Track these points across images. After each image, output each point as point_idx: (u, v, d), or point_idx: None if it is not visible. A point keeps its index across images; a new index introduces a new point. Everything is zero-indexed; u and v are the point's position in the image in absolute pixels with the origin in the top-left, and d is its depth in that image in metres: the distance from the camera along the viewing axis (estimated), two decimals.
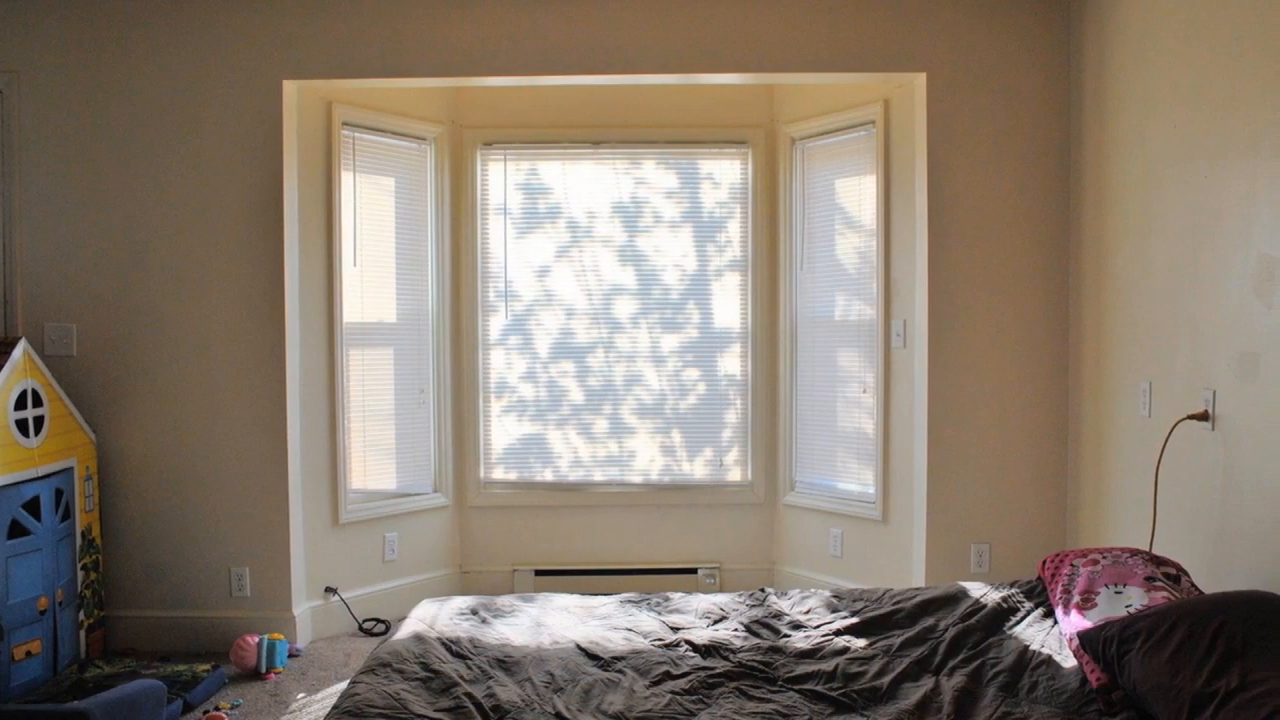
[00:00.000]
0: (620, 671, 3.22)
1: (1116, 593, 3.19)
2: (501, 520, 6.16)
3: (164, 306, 5.12)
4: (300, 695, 4.61)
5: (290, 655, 5.08)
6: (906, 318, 5.31)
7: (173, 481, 5.16)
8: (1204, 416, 3.69)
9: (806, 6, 5.06)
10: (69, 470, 4.74)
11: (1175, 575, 3.32)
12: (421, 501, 5.95)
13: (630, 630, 3.58)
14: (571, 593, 4.20)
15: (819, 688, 3.09)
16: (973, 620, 3.50)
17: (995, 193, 5.07)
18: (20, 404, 4.46)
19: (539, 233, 6.15)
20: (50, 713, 3.76)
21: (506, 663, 3.27)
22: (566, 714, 2.89)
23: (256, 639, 4.85)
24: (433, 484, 6.04)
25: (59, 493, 4.64)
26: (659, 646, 3.43)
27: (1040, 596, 3.66)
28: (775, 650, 3.38)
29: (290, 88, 5.15)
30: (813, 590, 3.97)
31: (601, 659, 3.32)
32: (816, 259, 5.90)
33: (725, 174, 6.13)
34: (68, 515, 4.70)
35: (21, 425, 4.44)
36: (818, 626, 3.59)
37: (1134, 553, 3.43)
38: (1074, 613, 3.23)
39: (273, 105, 5.10)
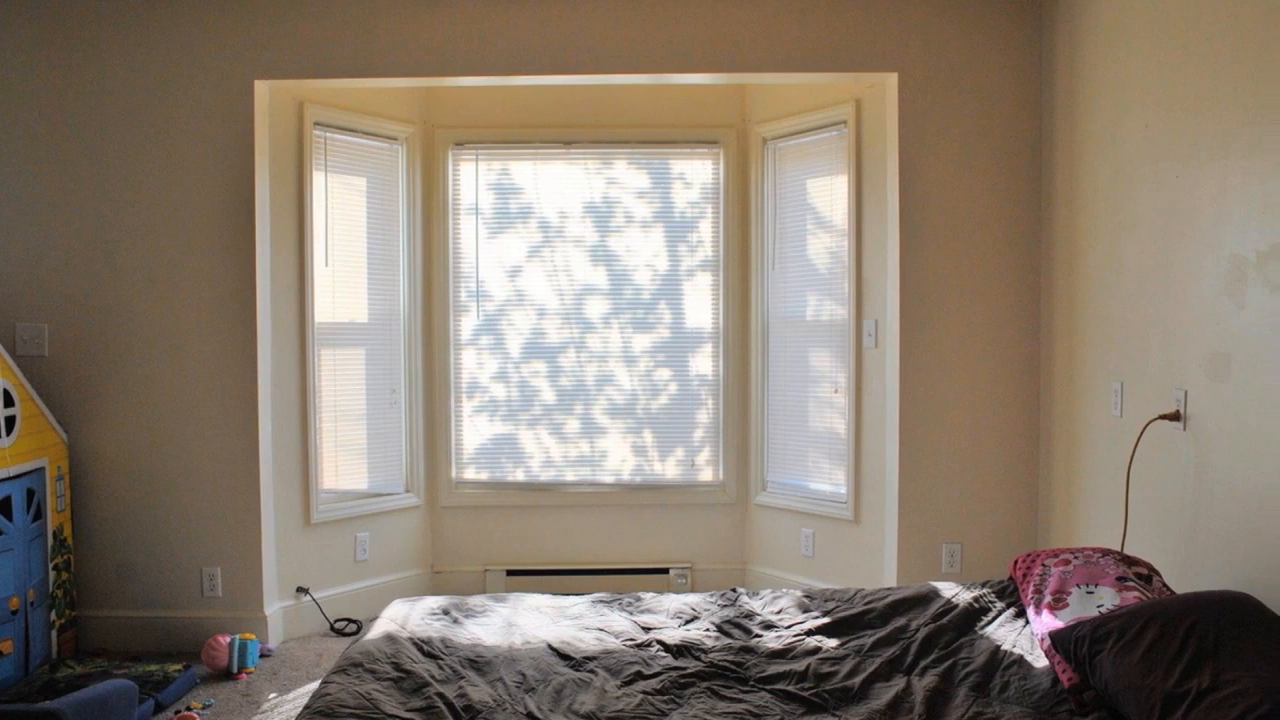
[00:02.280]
0: (592, 671, 3.22)
1: (1088, 593, 3.21)
2: (473, 520, 6.14)
3: (136, 306, 5.09)
4: (272, 695, 4.59)
5: (262, 655, 5.05)
6: (878, 317, 5.33)
7: (144, 481, 5.13)
8: (1175, 416, 3.70)
9: (778, 6, 5.07)
10: (40, 470, 4.69)
11: (1147, 575, 3.34)
12: (393, 501, 5.93)
13: (602, 630, 3.57)
14: (543, 593, 4.20)
15: (790, 688, 3.09)
16: (944, 620, 3.51)
17: (967, 193, 5.09)
18: None
19: (510, 233, 6.13)
20: (22, 713, 3.73)
21: (478, 663, 3.26)
22: (538, 714, 2.88)
23: (228, 639, 4.83)
24: (404, 484, 6.02)
25: (30, 493, 4.60)
26: (631, 646, 3.43)
27: (1012, 596, 3.67)
28: (747, 650, 3.38)
29: (262, 88, 5.12)
30: (784, 590, 3.98)
31: (573, 659, 3.31)
32: (788, 259, 5.91)
33: (697, 174, 6.13)
34: (39, 515, 4.66)
35: None
36: (789, 626, 3.60)
37: (1106, 553, 3.45)
38: (1046, 613, 3.25)
39: (244, 105, 5.07)
